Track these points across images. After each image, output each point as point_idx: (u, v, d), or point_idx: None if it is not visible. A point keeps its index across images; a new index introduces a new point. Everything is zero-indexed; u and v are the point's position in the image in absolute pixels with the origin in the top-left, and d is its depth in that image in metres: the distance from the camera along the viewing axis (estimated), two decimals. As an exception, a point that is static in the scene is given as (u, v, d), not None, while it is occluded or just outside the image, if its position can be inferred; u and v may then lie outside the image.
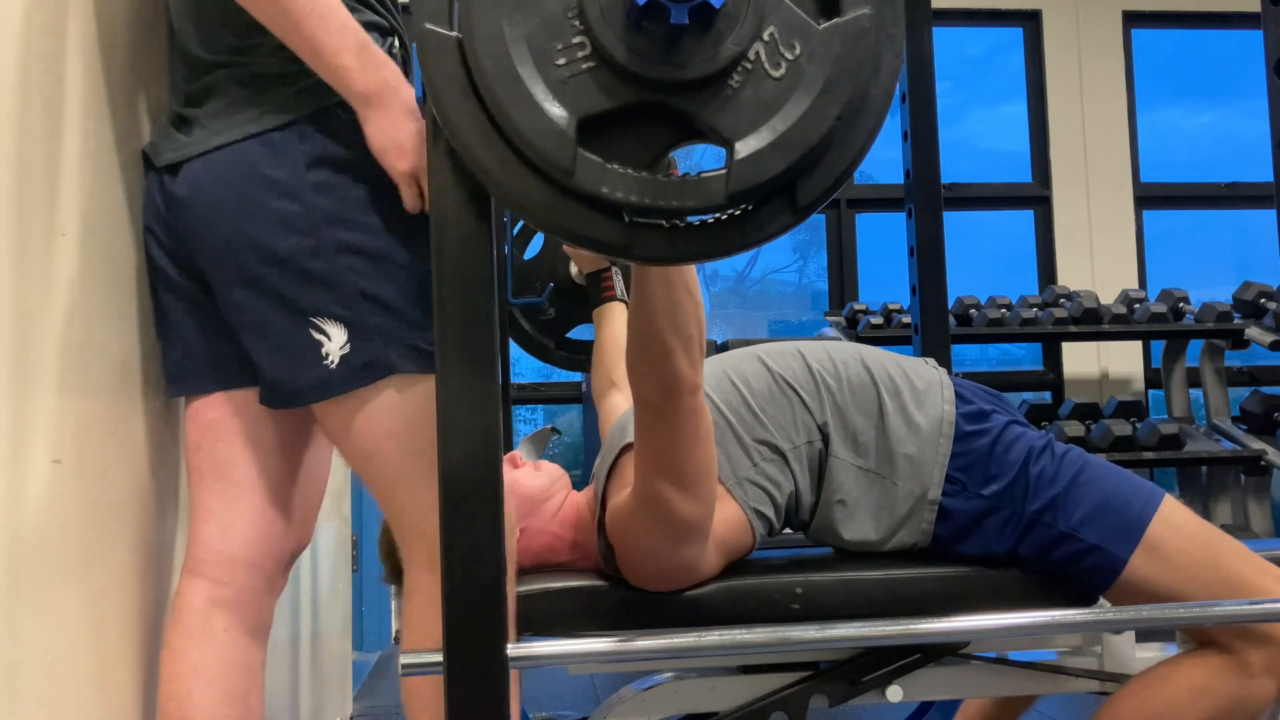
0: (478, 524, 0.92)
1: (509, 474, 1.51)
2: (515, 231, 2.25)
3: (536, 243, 2.25)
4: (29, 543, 1.09)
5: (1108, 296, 4.76)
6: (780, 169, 0.84)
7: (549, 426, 1.87)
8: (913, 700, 1.45)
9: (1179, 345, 4.57)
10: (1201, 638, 1.41)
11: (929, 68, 2.18)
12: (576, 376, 3.42)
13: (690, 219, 0.89)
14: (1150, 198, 5.43)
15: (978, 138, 7.40)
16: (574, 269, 2.13)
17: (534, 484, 1.52)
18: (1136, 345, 5.19)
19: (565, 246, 2.03)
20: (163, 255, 1.31)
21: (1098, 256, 5.29)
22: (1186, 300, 4.51)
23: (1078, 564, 1.39)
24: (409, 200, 1.20)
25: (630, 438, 1.46)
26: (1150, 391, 5.23)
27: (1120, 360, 5.22)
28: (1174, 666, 1.40)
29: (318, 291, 1.21)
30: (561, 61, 0.83)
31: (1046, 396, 5.09)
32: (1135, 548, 1.37)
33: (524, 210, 0.87)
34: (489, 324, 0.93)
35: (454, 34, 0.85)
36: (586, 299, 2.07)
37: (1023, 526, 1.40)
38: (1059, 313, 4.45)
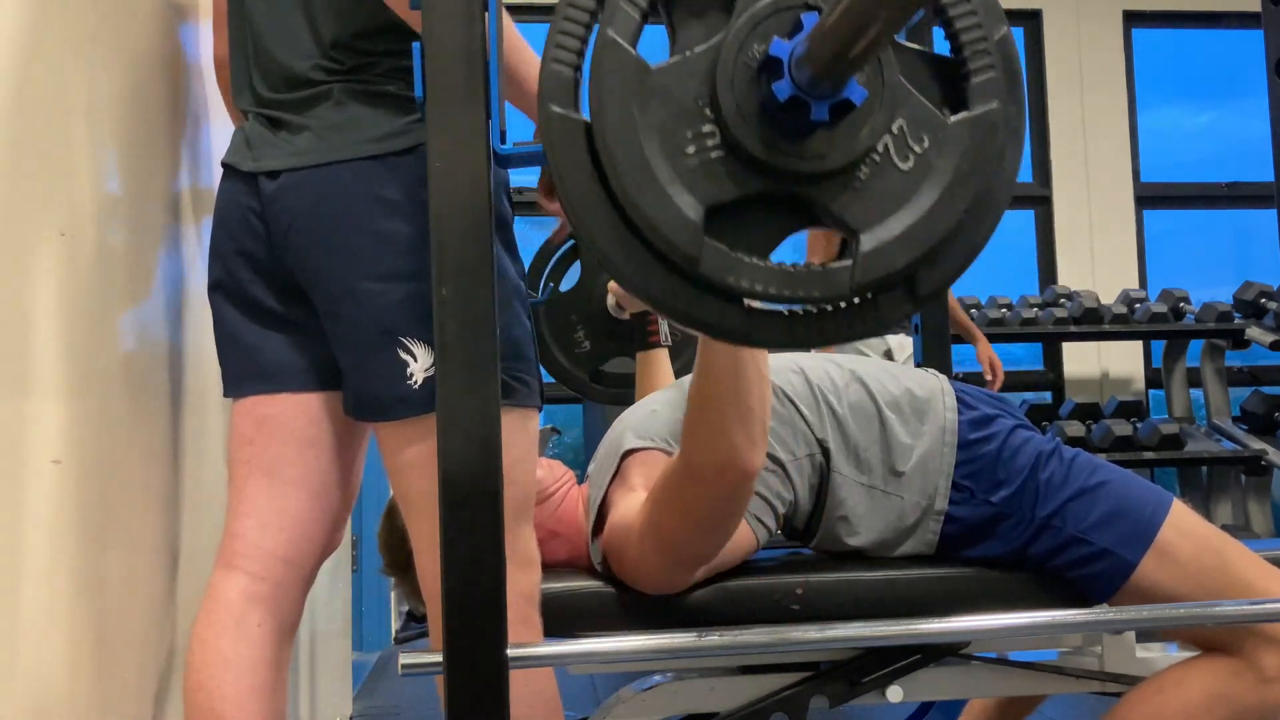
0: (478, 524, 0.92)
1: None
2: (554, 260, 2.17)
3: (574, 273, 2.16)
4: (29, 543, 1.10)
5: (1108, 296, 4.76)
6: (906, 263, 0.83)
7: (549, 426, 1.85)
8: (913, 700, 1.45)
9: (1179, 345, 4.58)
10: (1211, 643, 1.39)
11: (929, 68, 2.17)
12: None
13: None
14: (1150, 198, 5.43)
15: (978, 138, 7.38)
16: (611, 301, 2.05)
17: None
18: (1137, 345, 5.19)
19: (612, 285, 1.99)
20: (238, 257, 1.31)
21: (1098, 256, 5.29)
22: (1187, 300, 4.52)
23: (1086, 568, 1.38)
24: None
25: (629, 445, 1.45)
26: (1151, 391, 5.22)
27: (1121, 360, 5.22)
28: (1185, 672, 1.38)
29: (412, 312, 1.22)
30: (691, 150, 0.82)
31: (1047, 396, 5.09)
32: (1146, 552, 1.36)
33: (644, 294, 0.86)
34: (489, 323, 0.93)
35: (582, 118, 0.84)
36: (618, 331, 2.02)
37: (1032, 531, 1.39)
38: (1059, 313, 4.46)
